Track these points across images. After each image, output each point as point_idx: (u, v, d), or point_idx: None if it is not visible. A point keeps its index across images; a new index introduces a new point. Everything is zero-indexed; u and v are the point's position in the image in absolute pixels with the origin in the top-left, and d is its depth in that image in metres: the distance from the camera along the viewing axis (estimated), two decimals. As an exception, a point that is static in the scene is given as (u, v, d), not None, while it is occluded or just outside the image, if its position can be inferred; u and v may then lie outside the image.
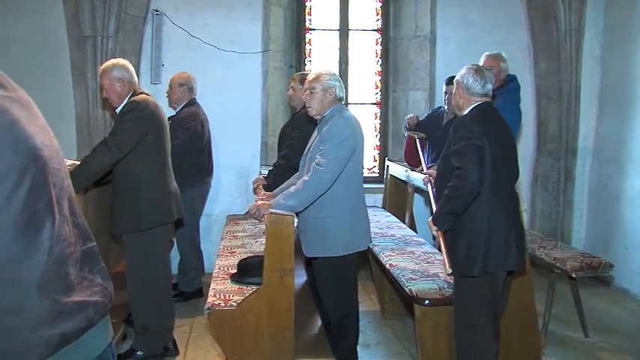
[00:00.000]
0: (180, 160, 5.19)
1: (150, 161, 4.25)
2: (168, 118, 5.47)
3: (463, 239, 3.51)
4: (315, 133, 4.09)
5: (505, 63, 5.02)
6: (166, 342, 4.55)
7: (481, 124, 3.50)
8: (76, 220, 1.62)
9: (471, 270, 3.46)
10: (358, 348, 4.26)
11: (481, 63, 4.96)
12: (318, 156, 3.80)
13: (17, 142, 1.42)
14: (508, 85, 4.97)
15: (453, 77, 5.34)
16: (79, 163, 4.42)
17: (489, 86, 3.67)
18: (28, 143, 1.45)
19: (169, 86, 5.73)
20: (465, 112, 3.65)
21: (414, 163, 5.54)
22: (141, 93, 4.31)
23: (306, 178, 3.81)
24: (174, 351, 4.63)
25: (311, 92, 4.03)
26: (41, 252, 1.44)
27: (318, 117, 4.07)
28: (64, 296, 1.48)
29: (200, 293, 5.80)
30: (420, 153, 5.29)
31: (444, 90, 5.47)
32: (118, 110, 4.31)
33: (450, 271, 3.54)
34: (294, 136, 4.93)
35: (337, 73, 4.23)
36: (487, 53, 5.05)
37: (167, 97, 5.76)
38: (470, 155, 3.41)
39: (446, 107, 5.41)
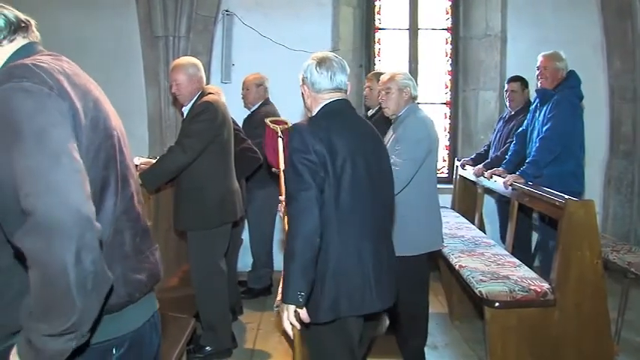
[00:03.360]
0: None
1: (216, 161, 4.34)
2: (245, 117, 5.57)
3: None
4: (390, 132, 4.11)
5: (562, 62, 5.02)
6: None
7: (324, 130, 2.73)
8: (140, 199, 1.75)
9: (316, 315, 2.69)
10: (425, 349, 4.26)
11: (537, 64, 5.11)
12: (393, 156, 3.76)
13: (97, 120, 1.57)
14: (563, 83, 4.97)
15: (517, 76, 5.58)
16: (152, 160, 4.55)
17: (341, 78, 2.89)
18: (105, 122, 1.60)
19: (245, 88, 5.73)
20: (314, 113, 2.89)
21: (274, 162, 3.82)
22: (209, 93, 4.38)
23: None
24: (233, 344, 4.68)
25: (387, 92, 4.05)
26: (105, 220, 1.56)
27: (394, 116, 4.09)
28: (116, 263, 1.59)
29: (268, 290, 5.88)
30: (281, 151, 3.64)
31: (505, 88, 5.90)
32: (186, 109, 4.38)
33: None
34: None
35: (408, 73, 4.26)
36: (543, 53, 5.13)
37: (242, 98, 5.79)
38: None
39: (508, 104, 5.86)
